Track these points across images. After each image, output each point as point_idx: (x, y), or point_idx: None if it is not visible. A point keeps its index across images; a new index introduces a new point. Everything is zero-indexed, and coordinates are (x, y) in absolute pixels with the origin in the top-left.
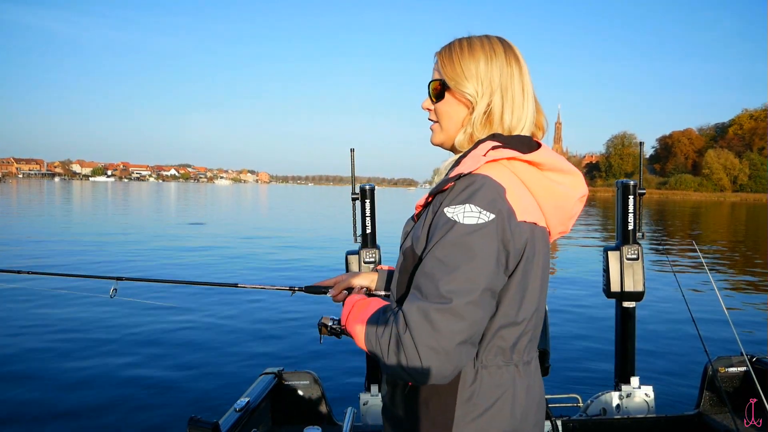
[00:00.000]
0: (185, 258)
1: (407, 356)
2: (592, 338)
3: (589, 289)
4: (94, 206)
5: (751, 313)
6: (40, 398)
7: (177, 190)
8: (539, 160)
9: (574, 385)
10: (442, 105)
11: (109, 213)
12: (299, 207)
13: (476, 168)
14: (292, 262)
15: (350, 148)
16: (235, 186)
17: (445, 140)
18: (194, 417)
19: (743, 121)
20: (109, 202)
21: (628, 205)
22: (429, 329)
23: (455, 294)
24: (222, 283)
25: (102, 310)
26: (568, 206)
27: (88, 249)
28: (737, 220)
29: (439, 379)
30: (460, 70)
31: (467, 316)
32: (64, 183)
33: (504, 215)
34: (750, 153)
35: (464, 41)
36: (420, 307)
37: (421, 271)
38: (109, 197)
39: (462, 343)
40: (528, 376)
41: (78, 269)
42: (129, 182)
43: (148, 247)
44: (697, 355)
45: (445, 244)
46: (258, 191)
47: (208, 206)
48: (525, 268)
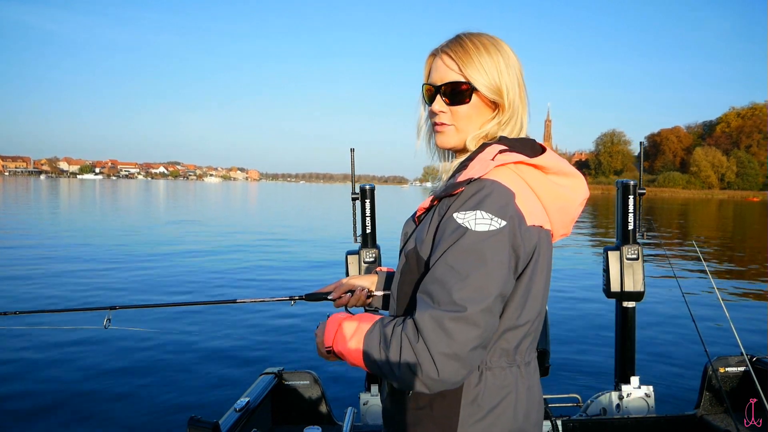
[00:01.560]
0: (178, 266)
1: (421, 364)
2: (592, 338)
3: (589, 289)
4: (81, 206)
5: (751, 313)
6: (40, 399)
7: (166, 188)
8: (544, 164)
9: (574, 385)
10: (466, 107)
11: (96, 215)
12: (294, 206)
13: (485, 173)
14: (291, 264)
15: (350, 148)
16: (225, 184)
17: (458, 143)
18: (194, 417)
19: (730, 120)
20: (96, 202)
21: (628, 205)
22: (444, 337)
23: (469, 302)
24: (220, 300)
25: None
26: (571, 209)
27: (74, 267)
28: (727, 218)
29: (453, 385)
30: (481, 68)
31: (481, 324)
32: (51, 181)
33: (515, 221)
34: (737, 151)
35: (475, 40)
36: (433, 315)
37: (432, 277)
38: (96, 196)
39: (475, 348)
40: (529, 376)
41: (63, 286)
42: (117, 180)
43: (138, 256)
44: (697, 355)
45: (457, 251)
46: (248, 189)
47: (198, 205)
48: (532, 272)
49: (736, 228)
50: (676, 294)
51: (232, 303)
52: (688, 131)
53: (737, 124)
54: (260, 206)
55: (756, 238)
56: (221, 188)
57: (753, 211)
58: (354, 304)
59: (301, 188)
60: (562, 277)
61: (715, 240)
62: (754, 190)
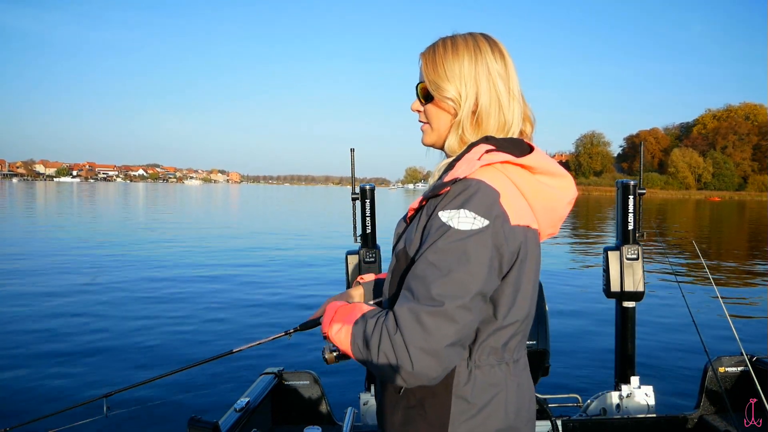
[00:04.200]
0: (164, 296)
1: (398, 357)
2: (592, 338)
3: (589, 289)
4: (58, 213)
5: (751, 313)
6: (40, 398)
7: (145, 190)
8: (531, 163)
9: (574, 385)
10: (430, 107)
11: (69, 229)
12: (289, 207)
13: (471, 172)
14: (290, 264)
15: (350, 149)
16: (206, 186)
17: (436, 141)
18: (194, 417)
19: (707, 121)
20: (74, 209)
21: (628, 205)
22: (420, 331)
23: (446, 297)
24: (217, 355)
25: (98, 309)
26: (558, 209)
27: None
28: (712, 218)
29: (428, 381)
30: (443, 71)
31: (458, 320)
32: (26, 184)
33: (498, 220)
34: (713, 152)
35: (448, 41)
36: (411, 308)
37: (413, 273)
38: (74, 201)
39: (451, 345)
40: (518, 373)
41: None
42: (95, 183)
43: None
44: (697, 355)
45: (439, 249)
46: (230, 192)
47: (188, 209)
48: (518, 271)
49: (714, 226)
50: (676, 294)
51: (230, 354)
52: (665, 133)
53: (713, 125)
54: (254, 208)
55: (733, 236)
56: (203, 191)
57: (721, 209)
58: None
59: (286, 190)
60: (562, 277)
61: (705, 238)
62: (730, 191)
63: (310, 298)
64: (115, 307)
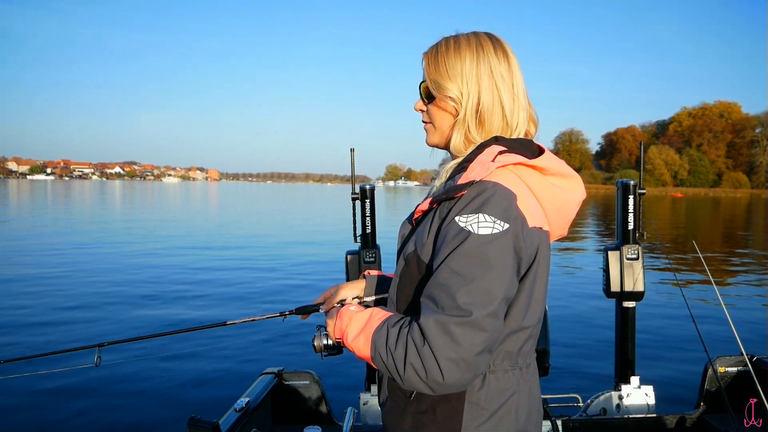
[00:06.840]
0: (157, 279)
1: (427, 369)
2: (593, 338)
3: (589, 288)
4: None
5: (751, 313)
6: (40, 398)
7: (122, 188)
8: (543, 165)
9: (574, 385)
10: (433, 107)
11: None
12: (280, 208)
13: (487, 175)
14: (291, 263)
15: (350, 148)
16: (185, 184)
17: (440, 140)
18: (194, 417)
19: (682, 119)
20: (48, 207)
21: (628, 204)
22: (449, 341)
23: (474, 306)
24: (210, 324)
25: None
26: (568, 210)
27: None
28: (689, 215)
29: (459, 388)
30: (444, 70)
31: (487, 328)
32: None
33: (518, 223)
34: (689, 149)
35: (450, 40)
36: (438, 320)
37: (435, 281)
38: (48, 200)
39: (480, 353)
40: (529, 378)
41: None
42: (70, 180)
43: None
44: (697, 355)
45: (460, 255)
46: (209, 189)
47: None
48: (534, 273)
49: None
50: (676, 293)
51: (223, 325)
52: (642, 130)
53: (689, 123)
54: (244, 208)
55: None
56: (182, 189)
57: (695, 206)
58: None
59: (267, 188)
60: (562, 277)
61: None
62: (705, 187)
63: (310, 298)
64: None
